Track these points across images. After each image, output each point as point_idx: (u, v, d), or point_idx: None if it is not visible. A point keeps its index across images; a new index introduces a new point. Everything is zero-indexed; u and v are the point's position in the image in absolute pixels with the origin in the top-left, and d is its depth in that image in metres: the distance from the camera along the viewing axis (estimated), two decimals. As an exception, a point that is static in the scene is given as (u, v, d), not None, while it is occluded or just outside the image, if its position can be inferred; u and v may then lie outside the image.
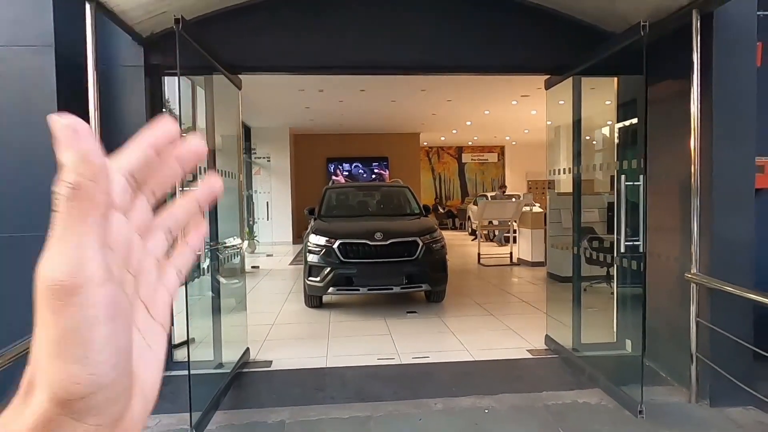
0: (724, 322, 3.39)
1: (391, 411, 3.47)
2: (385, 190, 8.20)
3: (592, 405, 3.51)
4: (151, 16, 3.58)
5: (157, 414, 3.43)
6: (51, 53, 3.38)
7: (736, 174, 3.49)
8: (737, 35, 3.47)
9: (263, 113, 12.22)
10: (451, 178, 20.90)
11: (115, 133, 3.78)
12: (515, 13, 4.26)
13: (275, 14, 4.10)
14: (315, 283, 5.82)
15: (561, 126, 5.18)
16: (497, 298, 6.81)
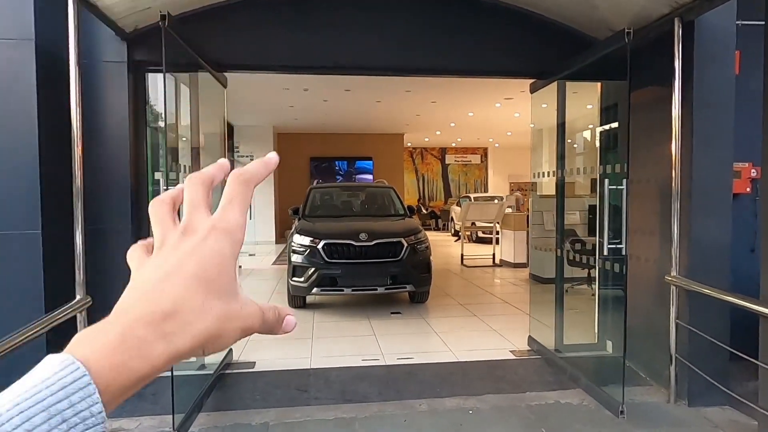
0: (702, 324, 3.47)
1: (376, 412, 3.47)
2: (370, 191, 8.20)
3: (574, 405, 3.56)
4: (136, 11, 3.53)
5: (139, 416, 3.38)
6: (31, 47, 3.30)
7: (715, 179, 3.57)
8: (717, 44, 3.56)
9: (247, 111, 12.11)
10: (434, 179, 20.99)
11: (96, 130, 3.72)
12: (502, 18, 4.30)
13: (262, 12, 4.07)
14: (299, 283, 5.79)
15: (544, 129, 5.25)
16: (480, 299, 6.87)
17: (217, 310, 0.36)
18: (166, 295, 0.35)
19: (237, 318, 0.37)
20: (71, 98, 3.07)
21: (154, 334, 0.34)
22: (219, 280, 0.36)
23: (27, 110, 3.30)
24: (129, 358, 0.32)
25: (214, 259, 0.37)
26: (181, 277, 0.36)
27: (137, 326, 0.33)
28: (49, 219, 3.32)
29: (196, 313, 0.35)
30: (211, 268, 0.36)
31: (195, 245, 0.37)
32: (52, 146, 3.37)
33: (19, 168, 3.29)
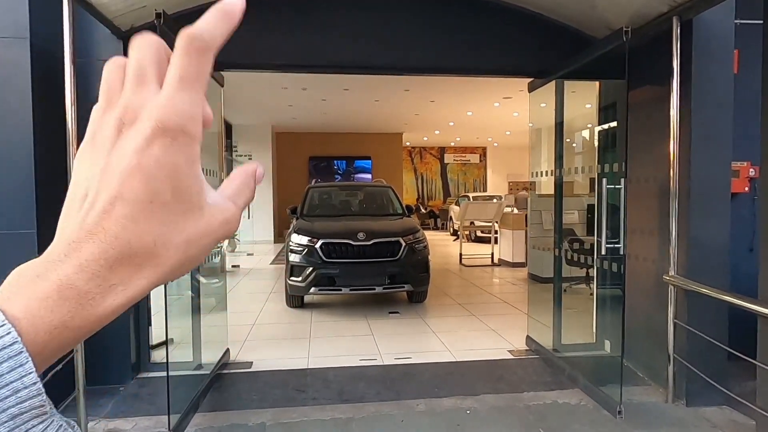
0: (701, 324, 3.46)
1: (373, 412, 3.46)
2: (368, 190, 8.18)
3: (572, 405, 3.55)
4: (131, 9, 3.50)
5: (135, 417, 3.37)
6: (26, 45, 3.29)
7: (713, 178, 3.56)
8: (715, 43, 3.54)
9: (245, 110, 12.09)
10: (433, 179, 20.98)
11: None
12: (500, 17, 4.29)
13: (259, 11, 4.05)
14: (297, 282, 5.78)
15: (543, 128, 5.23)
16: (479, 299, 6.85)
17: (177, 241, 0.30)
18: (110, 234, 0.28)
19: (204, 235, 0.31)
20: (66, 97, 3.05)
21: (100, 287, 0.28)
22: (175, 201, 0.29)
23: (22, 109, 3.28)
24: (69, 318, 0.28)
25: (164, 174, 0.29)
26: (126, 207, 0.29)
27: (79, 278, 0.28)
28: (44, 218, 3.31)
29: (150, 253, 0.29)
30: (162, 188, 0.29)
31: (138, 157, 0.29)
32: (47, 145, 3.36)
33: (14, 167, 3.28)
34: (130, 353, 3.98)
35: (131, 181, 0.29)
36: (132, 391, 3.77)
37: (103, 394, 3.63)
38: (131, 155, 0.29)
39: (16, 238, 3.22)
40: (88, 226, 0.29)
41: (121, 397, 3.66)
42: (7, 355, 0.26)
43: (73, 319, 0.28)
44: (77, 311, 0.28)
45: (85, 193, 0.30)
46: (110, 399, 3.61)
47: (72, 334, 0.28)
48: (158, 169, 0.29)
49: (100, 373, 3.61)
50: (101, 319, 0.29)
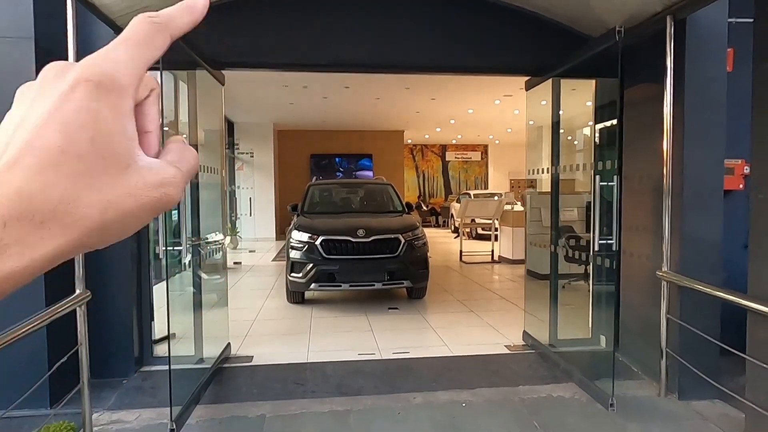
0: (693, 319, 3.51)
1: (371, 405, 3.53)
2: (368, 188, 8.24)
3: (566, 399, 3.61)
4: (134, 9, 3.56)
5: (138, 408, 3.44)
6: (30, 45, 3.36)
7: (706, 176, 3.61)
8: (709, 41, 3.59)
9: (247, 108, 12.16)
10: (434, 176, 21.02)
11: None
12: (499, 16, 4.33)
13: (260, 10, 4.11)
14: (297, 279, 5.85)
15: (543, 126, 5.27)
16: (478, 295, 6.91)
17: (90, 199, 0.27)
18: (11, 187, 0.25)
19: (128, 196, 0.28)
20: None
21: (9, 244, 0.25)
22: (93, 154, 0.26)
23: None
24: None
25: (82, 121, 0.26)
26: (34, 157, 0.26)
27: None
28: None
29: (54, 209, 0.26)
30: (78, 137, 0.26)
31: (58, 99, 0.27)
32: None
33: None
34: (133, 347, 4.05)
35: (45, 128, 0.26)
36: (135, 384, 3.85)
37: (107, 386, 3.71)
38: (50, 101, 0.27)
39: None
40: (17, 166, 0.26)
41: (124, 390, 3.73)
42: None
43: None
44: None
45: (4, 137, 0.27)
46: (113, 392, 3.69)
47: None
48: (75, 114, 0.26)
49: (103, 367, 3.69)
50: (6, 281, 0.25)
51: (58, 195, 0.26)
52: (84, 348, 3.16)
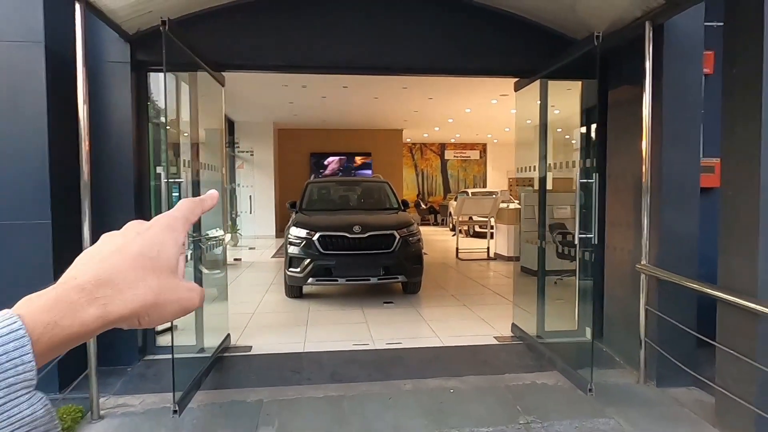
0: (671, 310, 3.69)
1: (364, 391, 3.71)
2: (365, 185, 8.42)
3: (549, 385, 3.79)
4: (138, 14, 3.74)
5: (142, 394, 3.62)
6: (41, 49, 3.53)
7: (683, 174, 3.78)
8: (686, 45, 3.76)
9: (247, 108, 12.33)
10: (433, 175, 21.18)
11: (100, 126, 3.95)
12: (489, 20, 4.50)
13: (258, 14, 4.28)
14: (295, 273, 6.03)
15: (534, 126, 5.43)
16: (471, 291, 7.09)
17: (152, 284, 0.41)
18: (105, 266, 0.40)
19: (173, 292, 0.43)
20: (78, 97, 3.30)
21: (87, 298, 0.38)
22: (158, 259, 0.43)
23: (37, 108, 3.53)
24: (60, 318, 0.36)
25: (155, 242, 0.43)
26: (124, 253, 0.42)
27: (72, 291, 0.38)
28: (58, 209, 3.56)
29: (130, 283, 0.40)
30: (151, 249, 0.43)
31: (141, 231, 0.44)
32: (60, 142, 3.61)
33: (30, 162, 3.53)
34: (137, 337, 4.23)
35: (133, 241, 0.43)
36: (139, 371, 4.03)
37: (113, 374, 3.89)
38: (141, 230, 0.45)
39: (33, 228, 3.48)
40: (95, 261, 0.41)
41: (128, 377, 3.92)
42: (13, 338, 0.34)
43: (63, 319, 0.36)
44: (66, 313, 0.37)
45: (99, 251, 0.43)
46: (119, 378, 3.87)
47: (61, 331, 0.37)
48: (151, 238, 0.44)
49: (109, 356, 3.86)
50: (84, 323, 0.37)
51: (133, 274, 0.41)
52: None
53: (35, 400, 0.34)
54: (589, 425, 3.22)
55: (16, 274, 3.43)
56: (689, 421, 3.30)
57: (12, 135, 3.51)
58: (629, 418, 3.30)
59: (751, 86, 2.88)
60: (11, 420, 0.33)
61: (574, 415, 3.33)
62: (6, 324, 0.34)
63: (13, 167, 3.50)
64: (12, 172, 3.50)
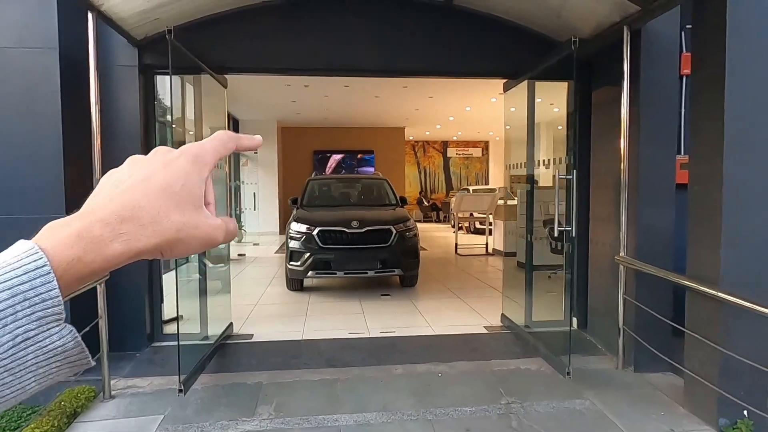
0: (648, 299, 3.90)
1: (357, 375, 3.95)
2: (364, 182, 8.65)
3: (532, 370, 4.02)
4: (146, 22, 3.99)
5: (149, 376, 3.88)
6: (55, 54, 3.79)
7: (659, 171, 3.99)
8: (662, 49, 3.96)
9: (251, 106, 12.58)
10: (436, 172, 21.38)
11: (111, 125, 4.19)
12: (478, 25, 4.72)
13: (258, 20, 4.51)
14: (296, 267, 6.27)
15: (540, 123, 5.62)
16: (467, 284, 7.31)
17: (175, 218, 0.40)
18: (128, 199, 0.39)
19: (196, 227, 0.42)
20: (91, 99, 3.55)
21: (111, 233, 0.37)
22: (181, 193, 0.41)
23: (52, 108, 3.79)
24: (84, 253, 0.36)
25: (180, 175, 0.41)
26: (147, 187, 0.40)
27: (96, 226, 0.37)
28: (71, 204, 3.81)
29: (153, 217, 0.39)
30: (175, 183, 0.41)
31: (167, 161, 0.42)
32: (73, 140, 3.87)
33: (46, 159, 3.79)
34: (145, 325, 4.49)
35: (157, 172, 0.41)
36: (147, 356, 4.30)
37: (123, 359, 4.15)
38: (165, 160, 0.43)
39: (49, 221, 3.73)
40: (117, 193, 0.40)
41: (137, 362, 4.18)
42: (39, 274, 0.34)
43: (86, 255, 0.36)
44: (90, 249, 0.36)
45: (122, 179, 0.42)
46: (128, 363, 4.13)
47: (85, 267, 0.36)
48: (177, 170, 0.41)
49: (120, 342, 4.12)
50: (107, 258, 0.37)
51: (156, 209, 0.40)
52: (103, 321, 3.61)
53: (65, 332, 0.35)
54: (565, 405, 3.45)
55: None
56: (660, 402, 3.51)
57: (29, 134, 3.77)
58: (604, 399, 3.52)
59: (715, 88, 3.09)
60: (44, 350, 0.34)
61: (552, 397, 3.56)
62: (32, 260, 0.34)
63: (31, 164, 3.76)
64: (30, 168, 3.76)
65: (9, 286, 0.33)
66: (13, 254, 0.35)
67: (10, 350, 0.33)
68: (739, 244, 3.07)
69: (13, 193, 3.73)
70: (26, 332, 0.33)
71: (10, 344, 0.33)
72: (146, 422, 3.25)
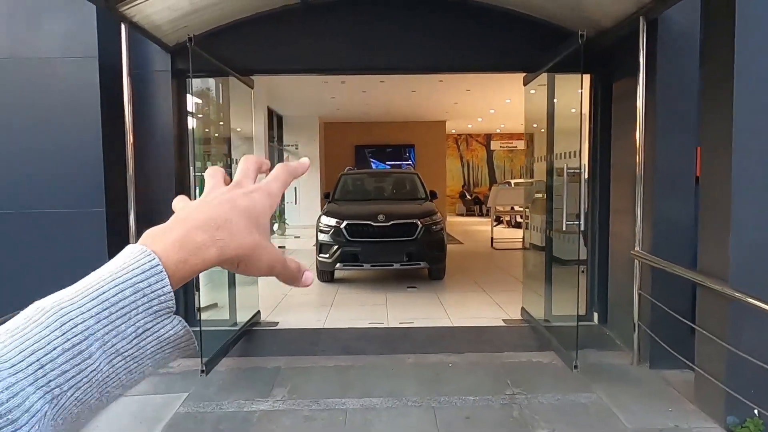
0: (666, 294, 3.82)
1: (370, 362, 4.12)
2: (395, 176, 8.79)
3: (544, 363, 4.05)
4: (175, 30, 4.28)
5: (180, 358, 4.20)
6: (95, 63, 4.15)
7: (677, 163, 3.89)
8: (680, 39, 3.85)
9: (293, 103, 12.96)
10: (479, 165, 21.18)
11: (147, 126, 4.53)
12: (495, 19, 4.71)
13: (280, 24, 4.72)
14: (324, 259, 6.51)
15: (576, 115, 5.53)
16: (496, 278, 7.32)
17: (255, 236, 0.45)
18: (220, 212, 0.44)
19: (267, 251, 0.46)
20: (124, 102, 3.88)
21: (210, 239, 0.42)
22: (259, 221, 0.46)
23: (92, 113, 4.16)
24: (189, 256, 0.41)
25: (257, 206, 0.47)
26: (233, 206, 0.45)
27: (196, 232, 0.42)
28: (110, 199, 4.18)
29: (240, 230, 0.44)
30: (255, 211, 0.46)
31: (245, 193, 0.47)
32: (111, 140, 4.22)
33: (87, 158, 4.16)
34: (179, 311, 4.83)
35: (240, 198, 0.47)
36: (180, 340, 4.64)
37: (157, 341, 4.51)
38: (242, 192, 0.48)
39: (91, 215, 4.12)
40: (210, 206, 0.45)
41: (171, 344, 4.52)
42: (154, 272, 0.39)
43: (191, 258, 0.41)
44: (193, 253, 0.41)
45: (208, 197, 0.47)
46: (162, 345, 4.48)
47: (190, 268, 0.41)
48: (255, 199, 0.47)
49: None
50: (206, 260, 0.42)
51: (241, 225, 0.45)
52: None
53: (176, 322, 0.40)
54: (570, 398, 3.47)
55: (75, 254, 4.08)
56: (670, 398, 3.47)
57: (72, 134, 4.15)
58: (612, 394, 3.51)
59: (723, 79, 3.00)
60: (160, 339, 0.39)
61: (559, 390, 3.58)
62: (147, 260, 0.39)
63: (74, 162, 4.15)
64: (73, 166, 4.15)
65: (132, 283, 0.38)
66: (129, 256, 0.39)
67: (134, 341, 0.38)
68: (748, 239, 2.98)
69: (58, 189, 4.14)
70: (145, 324, 0.38)
71: (133, 335, 0.37)
72: (172, 399, 3.55)
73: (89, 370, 0.35)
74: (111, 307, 0.37)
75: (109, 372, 0.37)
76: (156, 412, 3.37)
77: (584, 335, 4.66)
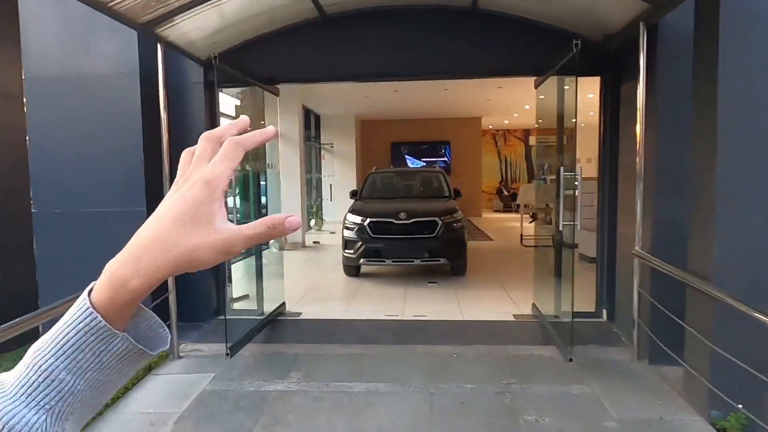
0: (665, 292, 3.93)
1: (382, 351, 4.43)
2: (420, 175, 9.04)
3: (545, 356, 4.23)
4: (207, 45, 4.71)
5: (210, 343, 4.66)
6: (137, 77, 4.64)
7: (678, 163, 3.97)
8: (680, 42, 3.92)
9: (330, 103, 13.39)
10: (517, 161, 21.03)
11: (183, 133, 4.99)
12: (507, 25, 4.91)
13: (301, 35, 5.08)
14: (349, 254, 6.87)
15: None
16: (517, 275, 7.44)
17: (186, 243, 0.46)
18: (141, 240, 0.47)
19: (207, 246, 0.46)
20: (161, 112, 4.34)
21: (132, 272, 0.45)
22: (193, 220, 0.46)
23: (134, 119, 4.66)
24: (115, 293, 0.46)
25: (190, 204, 0.47)
26: (159, 223, 0.47)
27: (120, 269, 0.46)
28: (150, 199, 4.67)
29: (166, 248, 0.46)
30: (188, 211, 0.46)
31: (183, 192, 0.47)
32: (150, 146, 4.70)
33: (130, 162, 4.67)
34: (211, 302, 5.32)
35: (172, 207, 0.47)
36: (212, 327, 5.11)
37: (192, 328, 4.99)
38: (183, 191, 0.48)
39: (132, 214, 4.62)
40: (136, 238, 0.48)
41: (203, 331, 5.00)
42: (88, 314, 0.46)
43: (117, 293, 0.46)
44: (120, 288, 0.46)
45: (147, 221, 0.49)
46: (196, 331, 4.96)
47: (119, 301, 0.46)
48: (190, 199, 0.47)
49: (191, 314, 4.96)
50: (133, 291, 0.46)
51: (166, 240, 0.46)
52: (173, 296, 4.41)
53: (120, 339, 0.46)
54: (563, 389, 3.66)
55: (119, 249, 4.58)
56: (661, 392, 3.60)
57: (117, 140, 4.67)
58: (605, 387, 3.68)
59: (708, 81, 3.11)
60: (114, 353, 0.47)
61: (554, 381, 3.78)
62: (84, 310, 0.46)
63: (119, 165, 4.67)
64: (118, 169, 4.67)
65: (77, 328, 0.45)
66: (75, 306, 0.46)
67: (96, 359, 0.46)
68: (732, 239, 3.09)
69: (104, 191, 4.67)
70: (99, 347, 0.46)
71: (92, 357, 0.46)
72: (200, 378, 3.99)
73: (66, 388, 0.45)
74: (64, 345, 0.45)
75: (87, 382, 0.46)
76: (186, 390, 3.81)
77: (591, 331, 4.82)
